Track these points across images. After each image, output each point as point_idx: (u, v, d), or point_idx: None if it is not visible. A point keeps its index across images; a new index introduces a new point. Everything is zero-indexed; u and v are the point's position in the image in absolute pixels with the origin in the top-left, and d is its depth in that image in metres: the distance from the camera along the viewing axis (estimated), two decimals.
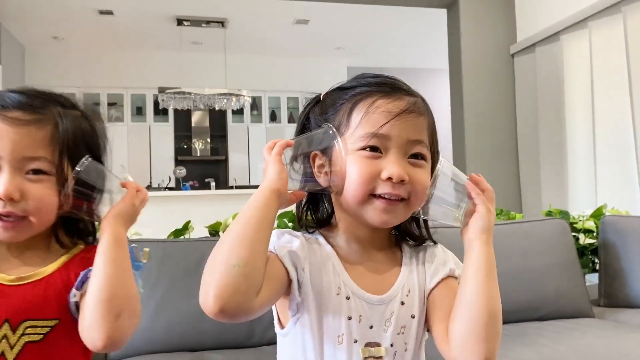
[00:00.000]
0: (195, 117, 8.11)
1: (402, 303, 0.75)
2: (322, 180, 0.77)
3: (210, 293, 0.63)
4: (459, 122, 4.60)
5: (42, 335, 0.76)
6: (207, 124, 8.17)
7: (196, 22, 6.41)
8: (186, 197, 5.21)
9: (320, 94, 0.83)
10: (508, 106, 4.61)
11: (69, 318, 0.79)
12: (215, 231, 2.12)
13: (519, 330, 1.64)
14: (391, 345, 0.73)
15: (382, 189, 0.72)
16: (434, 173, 0.74)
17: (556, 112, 4.15)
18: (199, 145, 8.12)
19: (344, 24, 6.67)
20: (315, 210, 0.83)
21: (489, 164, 4.50)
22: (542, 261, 1.84)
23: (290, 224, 2.14)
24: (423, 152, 0.75)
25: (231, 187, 7.40)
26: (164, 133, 7.81)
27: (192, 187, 7.11)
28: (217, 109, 6.93)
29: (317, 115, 0.81)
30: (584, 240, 2.24)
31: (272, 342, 1.60)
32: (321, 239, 0.79)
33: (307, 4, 5.43)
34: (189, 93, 6.48)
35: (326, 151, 0.76)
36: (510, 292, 1.77)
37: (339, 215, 0.80)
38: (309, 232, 0.81)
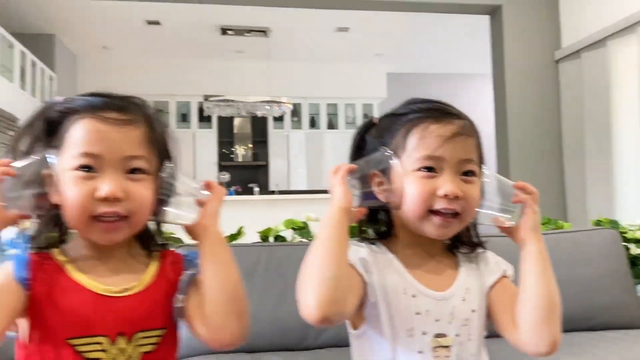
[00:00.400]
0: (238, 124, 8.28)
1: (463, 299, 0.84)
2: (382, 197, 0.85)
3: (310, 304, 0.72)
4: (503, 129, 4.57)
5: (154, 345, 0.77)
6: (249, 130, 8.33)
7: (239, 32, 6.56)
8: (232, 202, 5.34)
9: (372, 117, 0.93)
10: (552, 113, 4.56)
11: (172, 325, 0.81)
12: (266, 236, 2.19)
13: (569, 340, 1.65)
14: (457, 335, 0.82)
15: (439, 205, 0.81)
16: (481, 185, 0.84)
17: (603, 119, 4.08)
18: (241, 151, 8.28)
19: (384, 31, 6.71)
20: (374, 224, 0.91)
21: (533, 171, 4.45)
22: (592, 271, 1.84)
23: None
24: (474, 169, 0.84)
25: (272, 192, 7.53)
26: (208, 139, 8.00)
27: (236, 192, 7.26)
28: (259, 115, 7.06)
29: (374, 137, 0.89)
30: (634, 250, 2.21)
31: (325, 345, 1.66)
32: (383, 248, 0.87)
33: (348, 11, 5.50)
34: (233, 101, 6.63)
35: (384, 171, 0.85)
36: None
37: (399, 227, 0.88)
38: (371, 243, 0.89)
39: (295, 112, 8.15)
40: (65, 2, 5.46)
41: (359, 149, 0.92)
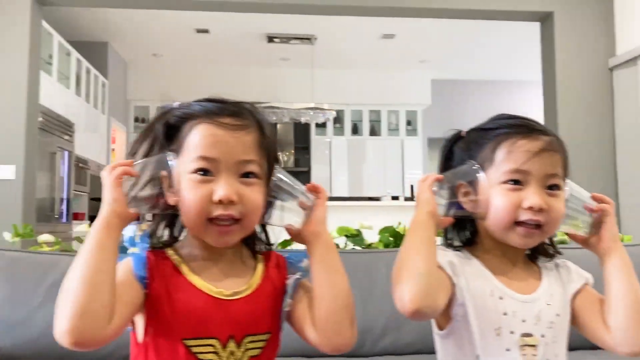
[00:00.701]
0: (281, 130, 8.36)
1: (548, 304, 0.88)
2: (468, 207, 0.90)
3: (405, 298, 0.78)
4: None
5: (260, 350, 0.79)
6: (291, 136, 8.40)
7: (285, 39, 6.65)
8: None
9: (461, 131, 0.98)
10: (606, 122, 4.44)
11: (276, 329, 0.82)
12: None
13: None
14: (542, 336, 0.85)
15: (524, 216, 0.85)
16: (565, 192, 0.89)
17: None
18: (284, 157, 8.36)
19: (429, 38, 6.68)
20: (458, 231, 0.95)
21: (585, 183, 4.31)
22: None
23: (391, 238, 2.21)
24: (558, 183, 0.88)
25: None
26: None
27: None
28: (302, 122, 7.12)
29: (462, 150, 0.95)
30: None
31: (383, 352, 1.66)
32: (467, 254, 0.92)
33: (394, 18, 5.50)
34: (277, 107, 6.72)
35: (471, 183, 0.89)
36: None
37: (483, 235, 0.92)
38: (456, 250, 0.93)
39: (338, 118, 8.18)
40: (118, 11, 5.66)
41: (447, 160, 0.97)
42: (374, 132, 8.37)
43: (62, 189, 5.31)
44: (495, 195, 0.86)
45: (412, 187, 7.76)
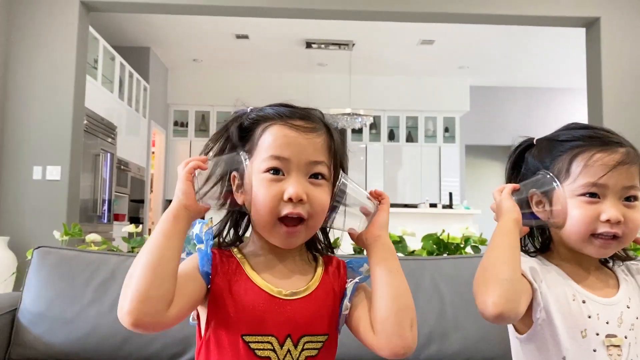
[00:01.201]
0: None
1: (628, 307, 0.90)
2: (542, 216, 0.92)
3: (488, 303, 0.80)
4: None
5: (317, 351, 0.80)
6: None
7: (324, 45, 6.67)
8: None
9: (533, 138, 0.99)
10: None
11: (334, 331, 0.83)
12: (360, 249, 2.21)
13: None
14: (625, 337, 0.87)
15: (602, 229, 0.87)
16: None
17: None
18: None
19: (469, 43, 6.60)
20: (532, 239, 0.98)
21: None
22: None
23: (435, 245, 2.18)
24: (636, 194, 0.89)
25: None
26: None
27: None
28: (339, 128, 7.12)
29: (535, 158, 0.96)
30: None
31: None
32: (544, 260, 0.95)
33: (433, 24, 5.46)
34: None
35: (546, 193, 0.91)
36: None
37: (558, 243, 0.95)
38: (531, 257, 0.95)
39: (374, 124, 8.15)
40: (160, 17, 5.78)
41: (515, 166, 1.00)
42: (410, 138, 8.31)
43: (104, 190, 5.44)
44: (572, 208, 0.88)
45: (450, 194, 7.67)
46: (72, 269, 1.71)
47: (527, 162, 0.97)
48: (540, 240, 0.97)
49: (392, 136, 8.32)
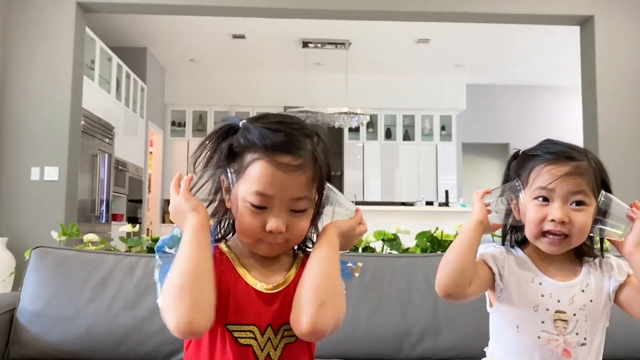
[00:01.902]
0: None
1: (582, 291, 1.06)
2: (517, 216, 1.08)
3: (438, 284, 1.01)
4: (593, 146, 4.38)
5: (295, 338, 0.85)
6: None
7: (320, 44, 6.70)
8: None
9: (519, 150, 1.14)
10: None
11: None
12: (355, 247, 2.23)
13: None
14: (574, 314, 1.03)
15: (548, 227, 1.02)
16: (597, 204, 1.03)
17: None
18: None
19: (465, 42, 6.63)
20: (516, 233, 1.14)
21: (627, 191, 4.23)
22: None
23: (428, 243, 2.21)
24: (583, 200, 1.02)
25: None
26: None
27: None
28: (336, 126, 7.14)
29: (514, 167, 1.12)
30: None
31: (421, 357, 1.67)
32: (520, 251, 1.12)
33: (429, 23, 5.48)
34: (311, 111, 6.76)
35: (517, 197, 1.08)
36: None
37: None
38: (511, 247, 1.13)
39: (371, 123, 8.17)
40: (156, 17, 5.80)
41: (507, 174, 1.14)
42: (407, 136, 8.33)
43: (102, 190, 5.46)
44: (528, 210, 1.05)
45: (446, 192, 7.69)
46: (69, 269, 1.73)
47: (510, 170, 1.14)
48: (521, 235, 1.13)
49: (389, 135, 8.34)
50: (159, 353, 1.65)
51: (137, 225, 2.23)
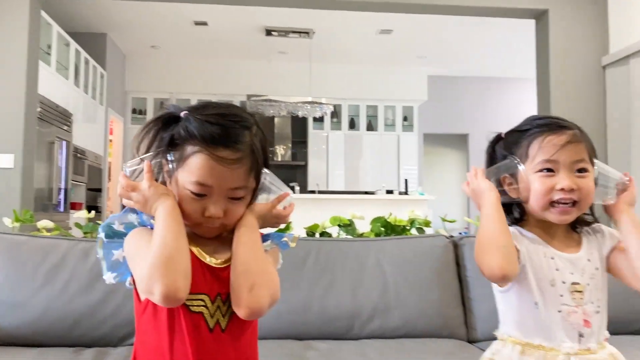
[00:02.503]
0: (278, 123, 8.41)
1: (588, 260, 1.09)
2: (513, 195, 1.11)
3: (494, 266, 0.99)
4: None
5: None
6: (289, 130, 8.45)
7: (283, 33, 6.69)
8: None
9: (501, 133, 1.17)
10: (598, 119, 4.51)
11: None
12: (312, 232, 2.28)
13: None
14: (588, 284, 1.07)
15: (558, 196, 1.05)
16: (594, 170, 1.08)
17: None
18: (281, 151, 8.41)
19: (427, 34, 6.72)
20: (508, 214, 1.13)
21: None
22: None
23: (382, 228, 2.27)
24: (585, 167, 1.07)
25: (312, 192, 7.62)
26: None
27: None
28: (300, 116, 7.16)
29: (502, 149, 1.15)
30: None
31: (371, 336, 1.73)
32: (523, 230, 1.12)
33: (392, 14, 5.54)
34: (275, 100, 6.75)
35: (513, 175, 1.10)
36: None
37: (529, 214, 1.13)
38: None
39: (335, 113, 8.22)
40: (117, 2, 5.68)
41: (491, 158, 1.17)
42: (371, 127, 8.42)
43: (60, 178, 5.35)
44: (533, 183, 1.07)
45: (406, 181, 7.82)
46: (22, 254, 1.72)
47: (497, 153, 1.16)
48: (517, 213, 1.14)
49: (352, 125, 8.42)
50: (113, 337, 1.66)
51: (92, 212, 2.22)
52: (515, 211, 1.14)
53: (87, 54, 6.18)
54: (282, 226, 2.32)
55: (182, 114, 0.92)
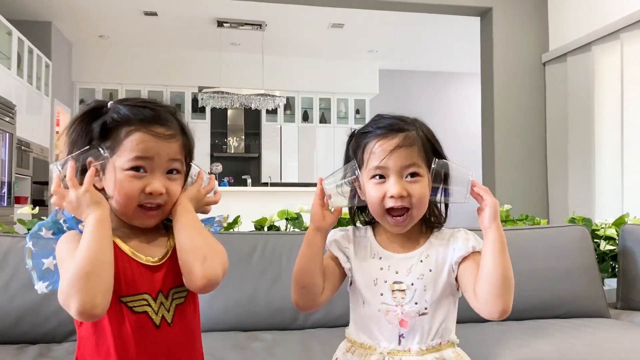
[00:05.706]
0: (231, 115, 8.36)
1: (421, 261, 1.06)
2: (362, 195, 1.08)
3: (293, 300, 1.07)
4: (489, 128, 4.72)
5: (184, 299, 0.96)
6: (242, 122, 8.42)
7: (235, 25, 6.65)
8: (225, 193, 5.43)
9: (355, 130, 1.13)
10: (538, 113, 4.72)
11: None
12: (261, 226, 2.32)
13: (538, 326, 1.80)
14: (412, 284, 1.05)
15: (390, 203, 1.03)
16: (432, 172, 1.04)
17: (585, 121, 4.24)
18: (234, 143, 8.38)
19: (377, 28, 6.82)
20: (363, 214, 1.15)
21: (518, 170, 4.61)
22: (562, 264, 1.98)
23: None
24: (417, 171, 1.03)
25: (265, 184, 7.63)
26: (201, 130, 8.03)
27: (229, 183, 7.36)
28: (253, 108, 7.15)
29: (351, 148, 1.12)
30: (604, 246, 2.36)
31: (315, 325, 1.79)
32: (369, 231, 1.12)
33: (343, 8, 5.60)
34: (227, 92, 6.71)
35: (357, 179, 1.07)
36: (532, 291, 1.92)
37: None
38: (362, 226, 1.14)
39: (289, 105, 8.24)
40: None
41: (347, 157, 1.13)
42: (324, 119, 8.49)
43: (3, 172, 5.18)
44: (368, 189, 1.05)
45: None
46: None
47: (349, 150, 1.13)
48: (369, 215, 1.13)
49: (306, 117, 8.46)
50: (57, 334, 1.66)
51: (37, 208, 2.19)
52: (367, 211, 1.12)
53: (31, 43, 5.97)
54: (230, 220, 2.35)
55: (108, 104, 0.96)
